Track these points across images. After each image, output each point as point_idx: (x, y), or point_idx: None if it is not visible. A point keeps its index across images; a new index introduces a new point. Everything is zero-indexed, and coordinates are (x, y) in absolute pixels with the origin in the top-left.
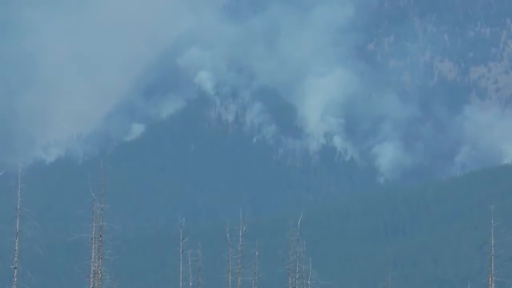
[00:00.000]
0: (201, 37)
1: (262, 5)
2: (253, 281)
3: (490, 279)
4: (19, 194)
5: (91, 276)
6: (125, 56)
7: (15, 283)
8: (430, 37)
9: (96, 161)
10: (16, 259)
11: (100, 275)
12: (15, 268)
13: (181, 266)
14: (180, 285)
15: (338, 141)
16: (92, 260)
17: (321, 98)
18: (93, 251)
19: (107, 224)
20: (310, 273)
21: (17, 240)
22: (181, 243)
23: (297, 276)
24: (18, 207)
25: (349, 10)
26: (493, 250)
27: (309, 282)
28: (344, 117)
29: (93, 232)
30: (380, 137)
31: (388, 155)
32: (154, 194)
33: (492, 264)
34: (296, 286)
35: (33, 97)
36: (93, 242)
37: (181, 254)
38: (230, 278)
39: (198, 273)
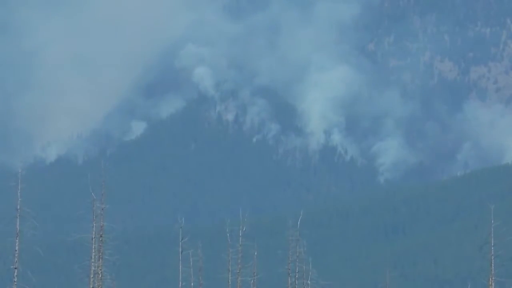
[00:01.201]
0: (201, 35)
1: (263, 2)
2: (252, 281)
3: (490, 279)
4: (19, 194)
5: (91, 276)
6: (124, 56)
7: (15, 283)
8: (430, 37)
9: (96, 161)
10: (16, 259)
11: (100, 275)
12: (15, 268)
13: (180, 266)
14: (180, 285)
15: (338, 141)
16: (92, 260)
17: (322, 97)
18: (93, 251)
19: (107, 224)
20: (310, 273)
21: (17, 240)
22: (180, 243)
23: (297, 276)
24: (18, 207)
25: (349, 9)
26: (493, 250)
27: (309, 282)
28: (344, 116)
29: (93, 232)
30: (380, 136)
31: (388, 154)
32: (154, 194)
33: (492, 264)
34: (296, 286)
35: (33, 97)
36: (93, 242)
37: (180, 254)
38: (230, 278)
39: (198, 273)
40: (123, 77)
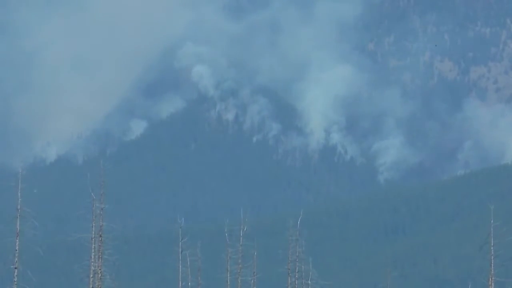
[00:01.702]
0: (201, 35)
1: (263, 1)
2: (252, 281)
3: (490, 279)
4: (19, 194)
5: (91, 276)
6: (124, 55)
7: (15, 283)
8: (430, 37)
9: (96, 161)
10: (16, 259)
11: (100, 275)
12: (15, 268)
13: (180, 266)
14: (180, 285)
15: (338, 141)
16: (92, 260)
17: (322, 96)
18: (93, 251)
19: (107, 224)
20: (310, 273)
21: (17, 240)
22: (180, 243)
23: (296, 276)
24: (18, 207)
25: (350, 9)
26: (493, 250)
27: (309, 282)
28: (344, 115)
29: (93, 232)
30: (380, 136)
31: (388, 154)
32: (154, 194)
33: (492, 264)
34: (296, 286)
35: (33, 97)
36: (93, 242)
37: (180, 254)
38: (229, 278)
39: (197, 273)
40: (123, 77)
